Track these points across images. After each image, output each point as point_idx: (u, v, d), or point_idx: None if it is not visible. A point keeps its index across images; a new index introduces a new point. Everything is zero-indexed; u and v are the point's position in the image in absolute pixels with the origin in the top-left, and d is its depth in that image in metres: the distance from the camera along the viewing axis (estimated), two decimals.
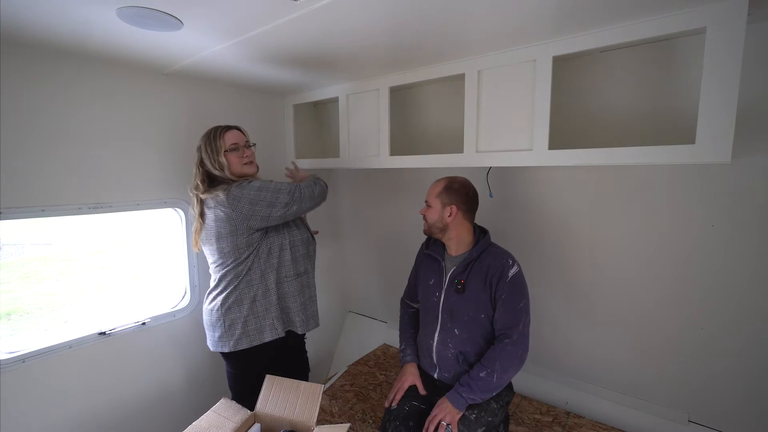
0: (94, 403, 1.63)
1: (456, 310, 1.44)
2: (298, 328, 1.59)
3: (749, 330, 1.40)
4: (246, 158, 1.53)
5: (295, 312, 1.58)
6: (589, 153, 1.30)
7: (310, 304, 1.66)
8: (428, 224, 1.52)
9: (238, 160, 1.50)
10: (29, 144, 1.42)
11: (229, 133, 1.51)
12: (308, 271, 1.67)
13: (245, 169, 1.53)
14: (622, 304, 1.64)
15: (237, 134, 1.53)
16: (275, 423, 1.29)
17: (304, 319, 1.61)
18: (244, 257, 1.49)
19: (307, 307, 1.63)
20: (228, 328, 1.50)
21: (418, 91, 1.97)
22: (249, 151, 1.55)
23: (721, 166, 1.35)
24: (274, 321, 1.53)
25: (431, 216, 1.50)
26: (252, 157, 1.56)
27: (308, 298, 1.65)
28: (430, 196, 1.51)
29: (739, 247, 1.38)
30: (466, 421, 1.34)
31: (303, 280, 1.63)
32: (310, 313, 1.65)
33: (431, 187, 1.53)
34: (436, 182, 1.53)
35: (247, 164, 1.53)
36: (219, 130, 1.51)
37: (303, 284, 1.62)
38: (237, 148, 1.50)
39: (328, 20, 1.17)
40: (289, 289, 1.57)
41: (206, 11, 1.11)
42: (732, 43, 1.04)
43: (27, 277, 4.69)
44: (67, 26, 1.22)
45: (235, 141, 1.51)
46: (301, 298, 1.61)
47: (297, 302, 1.58)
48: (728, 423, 1.48)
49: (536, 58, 1.36)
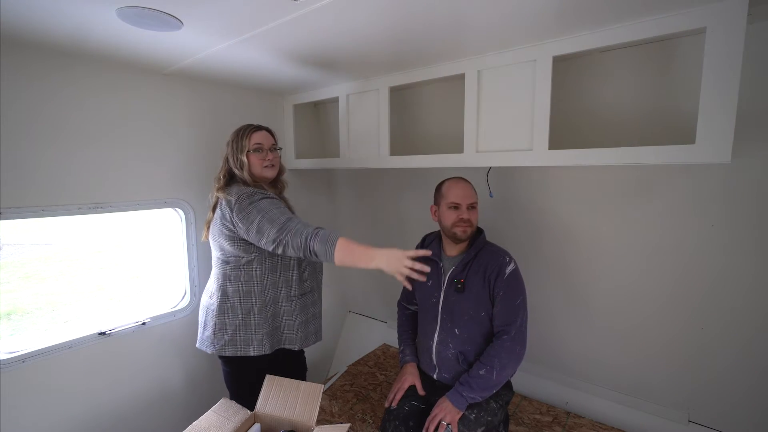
0: (94, 403, 1.63)
1: (456, 310, 1.44)
2: (295, 345, 1.53)
3: (749, 330, 1.40)
4: (268, 161, 1.50)
5: (293, 330, 1.52)
6: (588, 153, 1.30)
7: (313, 321, 1.60)
8: (473, 228, 1.46)
9: (260, 162, 1.48)
10: (29, 144, 1.42)
11: (256, 133, 1.49)
12: (314, 288, 1.61)
13: (265, 172, 1.50)
14: (621, 304, 1.64)
15: (264, 135, 1.51)
16: (275, 423, 1.29)
17: (303, 336, 1.54)
18: (245, 262, 1.46)
19: (308, 324, 1.57)
20: (217, 331, 1.48)
21: (418, 91, 1.97)
22: (272, 155, 1.52)
23: (721, 166, 1.35)
24: (264, 338, 1.48)
25: (476, 218, 1.47)
26: (275, 160, 1.53)
27: (312, 316, 1.59)
28: (475, 196, 1.47)
29: (739, 247, 1.38)
30: (466, 420, 1.34)
31: (307, 299, 1.57)
32: (312, 329, 1.59)
33: (467, 187, 1.47)
34: (467, 183, 1.49)
35: (268, 167, 1.50)
36: (248, 129, 1.49)
37: (307, 303, 1.57)
38: (260, 150, 1.48)
39: (328, 20, 1.17)
40: (290, 308, 1.51)
41: (206, 11, 1.11)
42: (732, 43, 1.04)
43: (27, 277, 4.70)
44: (67, 26, 1.22)
45: (260, 142, 1.48)
46: (303, 317, 1.55)
47: (297, 320, 1.53)
48: (728, 423, 1.48)
49: (536, 58, 1.36)
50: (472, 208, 1.45)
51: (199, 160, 1.91)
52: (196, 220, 1.91)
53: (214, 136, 1.96)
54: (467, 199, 1.45)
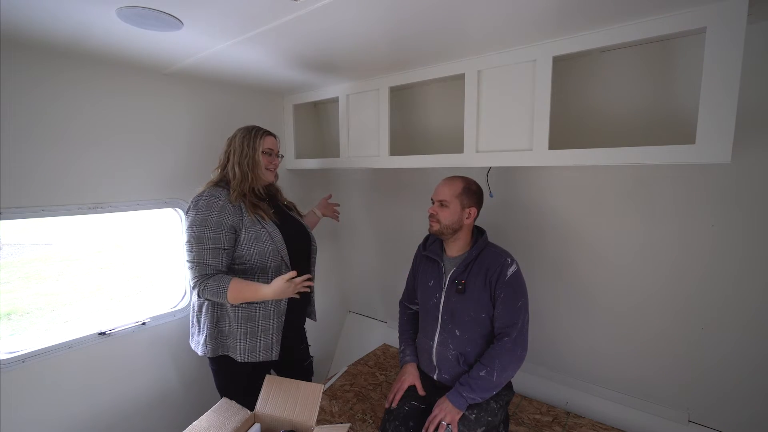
0: (93, 403, 1.63)
1: (457, 311, 1.44)
2: (238, 356, 1.47)
3: (749, 330, 1.40)
4: (273, 165, 1.57)
5: (236, 339, 1.46)
6: (589, 153, 1.30)
7: (264, 336, 1.49)
8: (441, 225, 1.44)
9: (266, 164, 1.54)
10: (29, 144, 1.42)
11: (269, 137, 1.56)
12: (267, 304, 1.49)
13: (266, 175, 1.55)
14: (622, 304, 1.64)
15: (273, 141, 1.59)
16: (275, 423, 1.29)
17: (247, 349, 1.46)
18: None
19: (256, 337, 1.48)
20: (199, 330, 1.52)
21: (418, 91, 1.97)
22: (276, 160, 1.59)
23: (721, 166, 1.35)
24: (207, 339, 1.47)
25: (447, 217, 1.43)
26: (276, 167, 1.60)
27: (262, 330, 1.48)
28: (448, 194, 1.43)
29: (739, 247, 1.38)
30: (466, 421, 1.34)
31: (255, 312, 1.47)
32: (261, 344, 1.49)
33: (445, 185, 1.46)
34: (450, 181, 1.46)
35: (269, 171, 1.56)
36: (261, 131, 1.55)
37: (253, 315, 1.47)
38: (269, 153, 1.55)
39: (328, 20, 1.17)
40: (233, 316, 1.46)
41: (206, 11, 1.11)
42: (732, 43, 1.04)
43: (27, 277, 4.70)
44: (67, 26, 1.22)
45: (271, 147, 1.56)
46: (247, 328, 1.46)
47: (240, 330, 1.46)
48: (728, 423, 1.48)
49: (536, 58, 1.36)
50: (441, 206, 1.45)
51: (199, 160, 1.91)
52: None
53: (214, 136, 1.96)
54: (437, 195, 1.47)
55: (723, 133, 1.07)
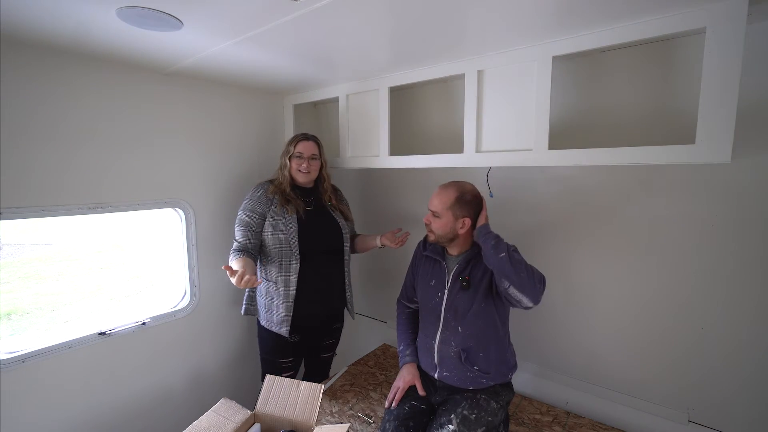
0: (94, 403, 1.63)
1: (461, 307, 1.44)
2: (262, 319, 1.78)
3: (749, 330, 1.40)
4: (303, 167, 1.73)
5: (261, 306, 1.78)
6: (589, 153, 1.30)
7: (276, 312, 1.74)
8: (436, 235, 1.45)
9: (296, 166, 1.73)
10: (29, 144, 1.42)
11: (302, 143, 1.74)
12: (278, 282, 1.73)
13: (298, 176, 1.74)
14: (621, 304, 1.64)
15: (307, 146, 1.74)
16: (275, 423, 1.29)
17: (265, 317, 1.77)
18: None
19: (271, 310, 1.75)
20: None
21: (418, 91, 1.97)
22: (307, 163, 1.73)
23: (721, 166, 1.35)
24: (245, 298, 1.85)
25: (440, 228, 1.43)
26: (309, 168, 1.74)
27: (275, 306, 1.74)
28: (439, 206, 1.42)
29: (739, 248, 1.38)
30: (467, 420, 1.34)
31: (271, 287, 1.74)
32: (274, 318, 1.75)
33: (438, 194, 1.45)
34: (443, 190, 1.44)
35: (300, 173, 1.73)
36: (298, 137, 1.76)
37: (270, 290, 1.75)
38: (299, 156, 1.73)
39: (328, 20, 1.17)
40: (262, 286, 1.77)
41: (206, 11, 1.11)
42: (732, 43, 1.04)
43: (27, 277, 4.69)
44: (67, 26, 1.22)
45: (302, 150, 1.73)
46: (266, 299, 1.76)
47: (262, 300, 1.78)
48: (728, 423, 1.48)
49: (536, 58, 1.36)
50: (434, 216, 1.44)
51: (199, 160, 1.91)
52: (196, 220, 1.91)
53: (214, 136, 1.96)
54: (430, 205, 1.46)
55: (723, 133, 1.07)
